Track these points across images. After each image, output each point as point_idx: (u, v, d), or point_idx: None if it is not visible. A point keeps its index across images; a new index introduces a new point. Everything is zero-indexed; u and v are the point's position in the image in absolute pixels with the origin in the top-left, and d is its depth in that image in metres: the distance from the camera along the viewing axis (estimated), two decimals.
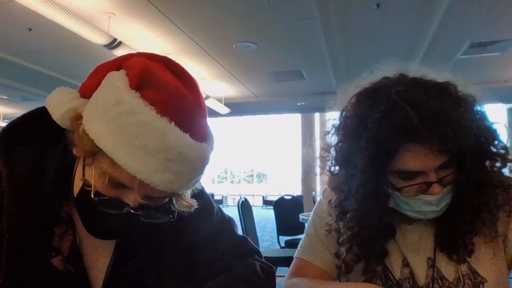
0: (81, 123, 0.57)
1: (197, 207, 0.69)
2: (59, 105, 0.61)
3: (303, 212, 4.39)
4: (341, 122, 0.79)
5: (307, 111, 9.20)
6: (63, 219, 0.66)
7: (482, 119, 0.72)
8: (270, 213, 7.02)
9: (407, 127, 0.65)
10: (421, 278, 0.78)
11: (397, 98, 0.68)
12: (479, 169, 0.71)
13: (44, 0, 3.10)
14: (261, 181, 38.09)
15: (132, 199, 0.59)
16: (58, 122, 0.61)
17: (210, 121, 0.66)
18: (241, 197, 3.82)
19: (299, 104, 8.38)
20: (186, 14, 3.95)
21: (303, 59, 5.52)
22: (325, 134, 0.83)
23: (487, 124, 0.72)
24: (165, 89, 0.58)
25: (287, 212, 4.57)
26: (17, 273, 0.58)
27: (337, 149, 0.79)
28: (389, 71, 0.77)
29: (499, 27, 4.22)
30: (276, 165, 34.75)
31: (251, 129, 35.45)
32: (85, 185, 0.59)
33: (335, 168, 0.81)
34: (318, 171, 0.88)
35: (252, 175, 38.93)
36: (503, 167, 0.73)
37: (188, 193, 0.68)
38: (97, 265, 0.69)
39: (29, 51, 5.00)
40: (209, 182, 29.35)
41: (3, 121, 8.90)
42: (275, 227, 4.67)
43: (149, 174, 0.55)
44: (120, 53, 4.02)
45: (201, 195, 0.74)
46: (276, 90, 7.36)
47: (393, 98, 0.68)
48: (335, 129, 0.80)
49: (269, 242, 7.61)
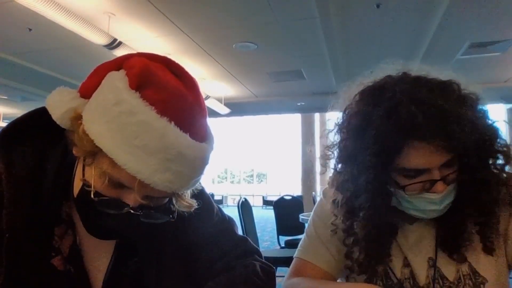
0: (81, 123, 0.57)
1: (197, 207, 0.69)
2: (59, 105, 0.61)
3: (303, 212, 4.39)
4: (344, 120, 0.78)
5: (307, 111, 9.20)
6: (63, 219, 0.67)
7: (484, 117, 0.72)
8: (270, 213, 7.02)
9: (411, 124, 0.64)
10: (421, 278, 0.78)
11: (401, 95, 0.67)
12: (483, 167, 0.71)
13: (44, 0, 3.10)
14: (261, 181, 38.11)
15: (132, 199, 0.59)
16: (58, 122, 0.61)
17: (210, 121, 0.66)
18: (241, 197, 3.82)
19: (299, 104, 8.38)
20: (186, 14, 3.95)
21: (303, 59, 5.52)
22: (328, 133, 0.83)
23: (490, 122, 0.72)
24: (165, 89, 0.58)
25: (287, 212, 4.57)
26: (17, 273, 0.58)
27: (341, 147, 0.78)
28: (391, 70, 0.77)
29: (499, 27, 4.22)
30: (276, 165, 34.78)
31: (251, 129, 35.49)
32: (85, 185, 0.59)
33: (339, 166, 0.81)
34: (319, 170, 0.87)
35: (252, 175, 38.94)
36: (506, 164, 0.73)
37: (188, 193, 0.68)
38: (97, 265, 0.69)
39: (29, 51, 5.00)
40: (209, 182, 29.36)
41: (3, 121, 8.90)
42: (275, 227, 4.68)
43: (149, 174, 0.55)
44: (120, 53, 4.02)
45: (201, 195, 0.74)
46: (276, 90, 7.36)
47: (397, 95, 0.68)
48: (338, 127, 0.80)
49: (269, 242, 7.60)
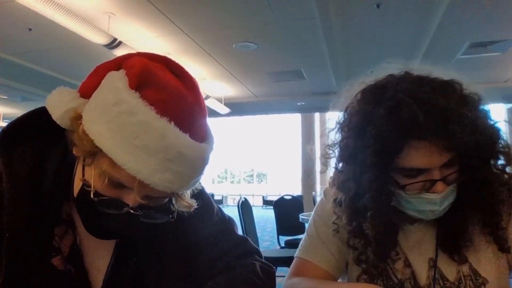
0: (81, 123, 0.57)
1: (197, 207, 0.69)
2: (59, 105, 0.60)
3: (303, 212, 4.39)
4: (345, 119, 0.78)
5: (307, 111, 9.20)
6: (63, 219, 0.66)
7: (486, 118, 0.72)
8: (270, 213, 7.01)
9: (412, 123, 0.64)
10: (422, 279, 0.78)
11: (403, 94, 0.67)
12: (484, 167, 0.71)
13: (44, 0, 3.10)
14: (261, 181, 38.13)
15: (132, 199, 0.59)
16: (58, 122, 0.61)
17: (210, 121, 0.66)
18: (241, 197, 3.82)
19: (299, 104, 8.38)
20: (186, 14, 3.95)
21: (303, 59, 5.52)
22: (329, 131, 0.82)
23: (491, 122, 0.72)
24: (165, 89, 0.58)
25: (287, 212, 4.56)
26: (17, 273, 0.58)
27: (341, 146, 0.78)
28: (393, 69, 0.77)
29: (499, 27, 4.22)
30: (276, 165, 34.80)
31: (251, 129, 35.53)
32: (85, 185, 0.59)
33: (340, 165, 0.81)
34: (319, 169, 0.87)
35: (252, 175, 38.95)
36: (507, 165, 0.73)
37: (188, 193, 0.68)
38: (97, 265, 0.69)
39: (29, 51, 5.00)
40: (209, 182, 29.37)
41: (3, 121, 8.90)
42: (275, 227, 4.67)
43: (149, 174, 0.55)
44: (120, 53, 4.02)
45: (201, 195, 0.74)
46: (276, 90, 7.36)
47: (398, 94, 0.67)
48: (339, 126, 0.80)
49: (269, 242, 7.60)
